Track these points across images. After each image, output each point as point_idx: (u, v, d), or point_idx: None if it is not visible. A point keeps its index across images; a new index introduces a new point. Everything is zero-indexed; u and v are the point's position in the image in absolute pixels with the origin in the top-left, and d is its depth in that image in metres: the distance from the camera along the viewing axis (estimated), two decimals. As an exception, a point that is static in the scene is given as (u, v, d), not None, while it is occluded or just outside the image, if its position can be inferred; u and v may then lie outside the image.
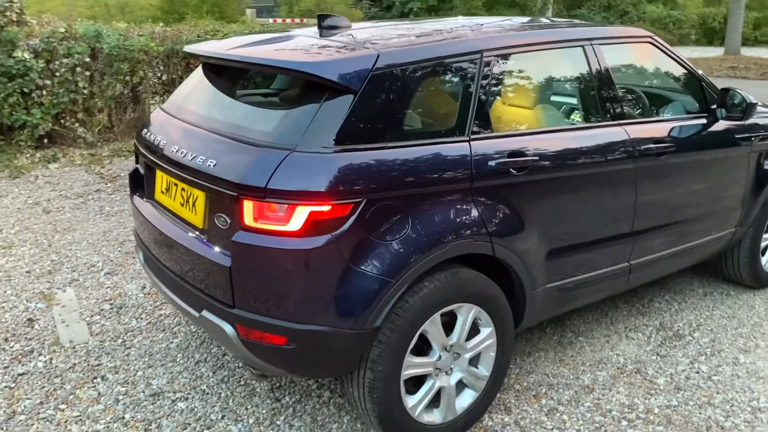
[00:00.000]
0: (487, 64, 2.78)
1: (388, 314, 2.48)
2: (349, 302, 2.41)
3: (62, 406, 3.08)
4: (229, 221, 2.45)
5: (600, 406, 3.10)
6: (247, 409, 3.08)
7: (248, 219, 2.38)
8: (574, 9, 25.72)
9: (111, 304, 4.09)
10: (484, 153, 2.68)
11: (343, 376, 2.64)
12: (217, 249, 2.51)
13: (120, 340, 3.66)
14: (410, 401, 2.66)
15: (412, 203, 2.51)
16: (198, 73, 3.18)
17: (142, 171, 3.19)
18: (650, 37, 3.47)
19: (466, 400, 2.87)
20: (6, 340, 3.67)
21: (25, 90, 7.14)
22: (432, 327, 2.63)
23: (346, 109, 2.42)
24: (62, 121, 7.48)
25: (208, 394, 3.18)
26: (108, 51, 7.50)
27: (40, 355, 3.52)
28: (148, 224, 2.95)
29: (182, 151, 2.66)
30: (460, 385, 2.86)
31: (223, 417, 3.02)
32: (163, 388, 3.22)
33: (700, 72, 3.65)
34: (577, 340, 3.68)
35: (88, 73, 7.52)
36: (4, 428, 2.93)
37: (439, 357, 2.71)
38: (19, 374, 3.35)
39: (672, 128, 3.44)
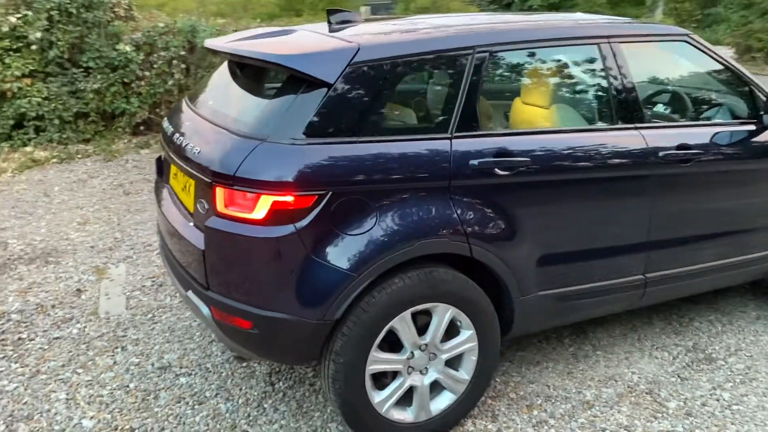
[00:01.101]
0: (480, 60, 2.71)
1: (350, 307, 2.50)
2: (310, 292, 2.45)
3: (80, 370, 3.34)
4: (207, 207, 2.56)
5: (594, 423, 2.95)
6: (240, 389, 3.19)
7: (220, 205, 2.47)
8: (709, 7, 24.16)
9: (153, 281, 4.36)
10: (466, 151, 2.62)
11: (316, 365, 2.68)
12: (198, 233, 2.63)
13: (150, 315, 3.90)
14: (377, 396, 2.66)
15: (382, 199, 2.50)
16: (220, 66, 3.33)
17: (163, 158, 3.38)
18: (686, 35, 3.23)
19: (443, 402, 2.82)
20: (53, 306, 4.00)
21: (126, 80, 7.69)
22: (402, 324, 2.61)
23: (319, 101, 2.46)
24: (157, 110, 7.99)
25: (210, 372, 3.33)
26: (201, 45, 7.92)
27: (78, 323, 3.82)
28: (159, 208, 3.13)
29: (181, 139, 2.80)
30: (438, 387, 2.81)
31: (216, 395, 3.15)
32: (172, 363, 3.40)
33: (747, 74, 3.35)
34: (594, 354, 3.51)
35: (183, 66, 7.98)
36: (26, 385, 3.22)
37: (411, 355, 2.68)
38: (54, 338, 3.65)
39: (703, 134, 3.19)
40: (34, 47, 7.30)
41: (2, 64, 7.22)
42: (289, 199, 2.38)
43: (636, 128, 2.99)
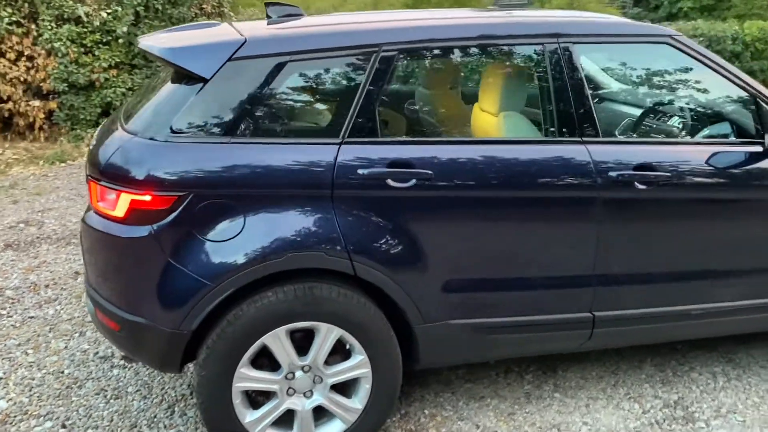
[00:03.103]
0: (386, 60, 2.45)
1: (212, 319, 2.35)
2: (166, 299, 2.33)
3: (30, 351, 3.44)
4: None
5: (506, 477, 2.59)
6: (163, 389, 3.14)
7: (94, 200, 2.42)
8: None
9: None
10: (355, 159, 2.38)
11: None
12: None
13: (124, 304, 3.95)
14: (249, 416, 2.49)
15: (253, 205, 2.33)
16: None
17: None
18: (669, 36, 2.74)
19: (332, 430, 2.59)
20: (46, 286, 4.19)
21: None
22: (275, 342, 2.42)
23: (191, 97, 2.34)
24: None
25: (146, 367, 3.30)
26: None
27: (59, 304, 3.96)
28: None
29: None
30: (329, 414, 2.59)
31: (137, 390, 3.12)
32: (115, 354, 3.41)
33: (752, 82, 2.79)
34: (551, 396, 3.10)
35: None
36: (-22, 359, 3.36)
37: (292, 376, 2.48)
38: (29, 317, 3.81)
39: (676, 153, 2.70)
40: (121, 41, 7.74)
41: (92, 55, 7.71)
42: (147, 198, 2.27)
43: (581, 142, 2.58)
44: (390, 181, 2.38)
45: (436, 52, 2.64)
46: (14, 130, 7.89)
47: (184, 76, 2.42)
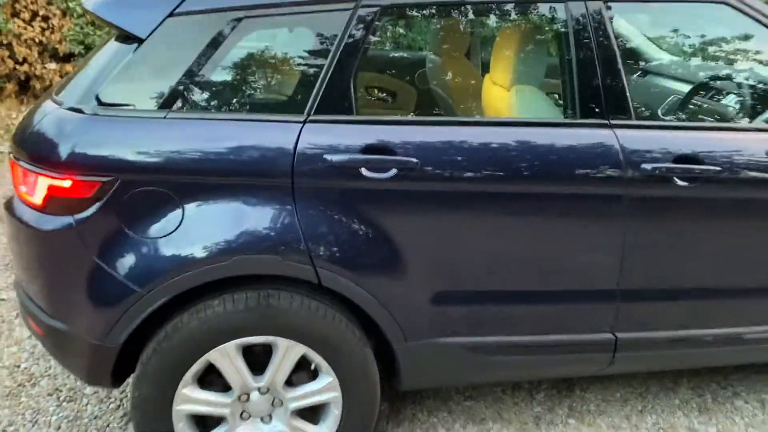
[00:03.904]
0: (364, 20, 1.97)
1: (145, 330, 1.96)
2: (89, 305, 1.95)
3: (-11, 340, 3.12)
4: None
5: None
6: (122, 392, 2.79)
7: (16, 183, 2.03)
8: None
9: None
10: (322, 142, 1.93)
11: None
12: None
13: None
14: (194, 442, 2.10)
15: (194, 195, 1.91)
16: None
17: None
18: (726, -5, 2.18)
19: (296, 460, 2.19)
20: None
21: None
22: (224, 359, 2.02)
23: (123, 60, 1.92)
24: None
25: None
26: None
27: None
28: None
29: None
30: (293, 441, 2.19)
31: (95, 393, 2.78)
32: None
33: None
34: (565, 422, 2.64)
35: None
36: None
37: (245, 397, 2.08)
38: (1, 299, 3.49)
39: (728, 142, 2.17)
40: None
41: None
42: (66, 183, 1.87)
43: (608, 126, 2.07)
44: (364, 171, 1.93)
45: (431, 11, 2.15)
46: (31, 93, 7.64)
47: (122, 37, 2.00)
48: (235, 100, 2.00)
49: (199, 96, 1.94)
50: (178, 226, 1.89)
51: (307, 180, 1.92)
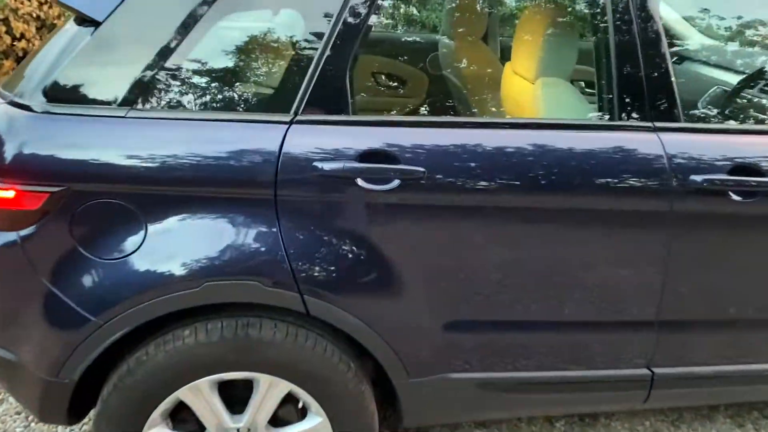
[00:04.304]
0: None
1: (102, 365, 1.69)
2: (37, 335, 1.67)
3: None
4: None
5: None
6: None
7: (-42, 190, 1.74)
8: None
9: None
10: (311, 146, 1.62)
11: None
12: None
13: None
14: (164, 488, 1.83)
15: (157, 208, 1.61)
16: None
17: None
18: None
19: (281, 507, 1.91)
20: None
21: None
22: (196, 398, 1.74)
23: (77, 48, 1.61)
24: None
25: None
26: None
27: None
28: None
29: None
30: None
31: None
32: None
33: None
34: (589, 457, 2.35)
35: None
36: None
37: (223, 440, 1.81)
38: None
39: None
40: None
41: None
42: (9, 194, 1.57)
43: (652, 129, 1.75)
44: (361, 181, 1.61)
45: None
46: (28, 71, 7.38)
47: (79, 19, 1.70)
48: (208, 96, 1.68)
49: (165, 91, 1.63)
50: (140, 246, 1.60)
51: (293, 191, 1.62)
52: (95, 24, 1.62)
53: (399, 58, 2.89)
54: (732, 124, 2.07)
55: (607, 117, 1.80)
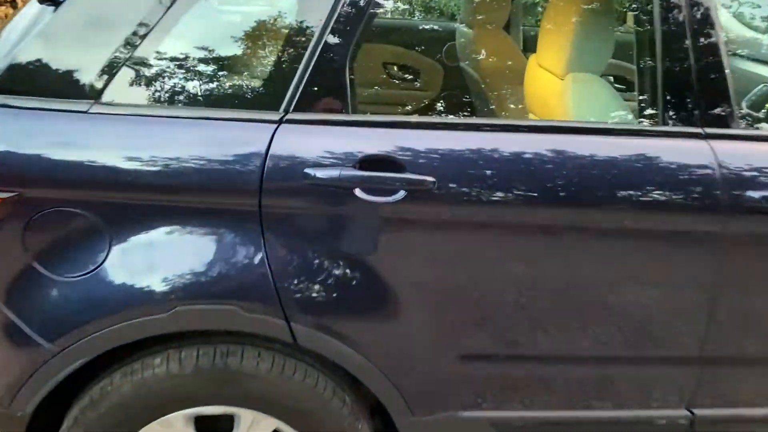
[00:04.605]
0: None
1: (52, 398, 1.47)
2: (-12, 361, 1.45)
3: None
4: None
5: None
6: None
7: None
8: None
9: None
10: (303, 150, 1.39)
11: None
12: None
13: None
14: None
15: (124, 219, 1.40)
16: None
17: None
18: None
19: None
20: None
21: None
22: (168, 433, 1.52)
23: (34, 31, 1.39)
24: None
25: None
26: None
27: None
28: None
29: None
30: None
31: None
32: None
33: None
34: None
35: None
36: None
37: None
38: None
39: None
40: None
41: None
42: (-48, 200, 1.36)
43: (702, 136, 1.49)
44: (360, 192, 1.38)
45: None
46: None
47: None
48: (184, 90, 1.45)
49: (135, 83, 1.41)
50: (103, 262, 1.38)
51: (281, 202, 1.40)
52: (54, 3, 1.39)
53: (410, 48, 2.65)
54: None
55: (649, 121, 1.55)
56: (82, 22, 1.40)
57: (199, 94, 1.45)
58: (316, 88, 1.41)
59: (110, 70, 1.38)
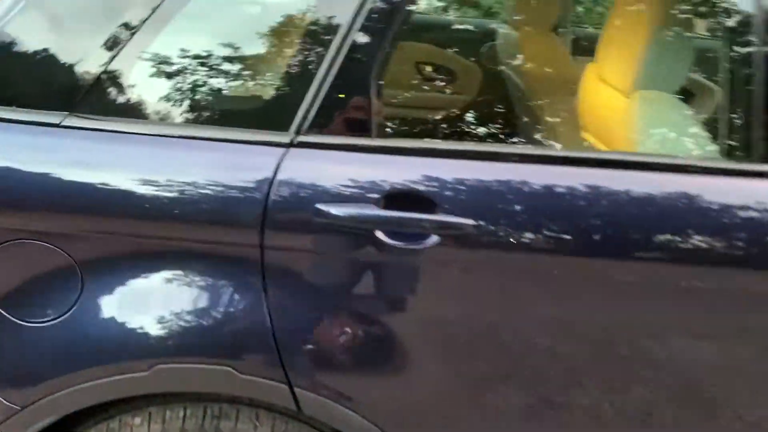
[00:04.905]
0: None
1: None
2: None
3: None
4: None
5: None
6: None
7: None
8: None
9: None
10: (314, 180, 1.14)
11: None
12: None
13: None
14: None
15: (99, 257, 1.17)
16: None
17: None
18: None
19: None
20: None
21: None
22: (150, 502, 1.29)
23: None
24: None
25: None
26: None
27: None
28: None
29: None
30: None
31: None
32: None
33: None
34: None
35: None
36: None
37: None
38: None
39: None
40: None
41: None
42: None
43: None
44: (382, 235, 1.12)
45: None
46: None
47: None
48: (176, 103, 1.21)
49: (117, 92, 1.17)
50: (73, 306, 1.16)
51: (286, 242, 1.16)
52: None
53: (444, 47, 2.40)
54: None
55: (738, 156, 1.27)
56: (55, 19, 1.17)
57: (193, 108, 1.21)
58: (334, 106, 1.16)
59: (87, 77, 1.15)
